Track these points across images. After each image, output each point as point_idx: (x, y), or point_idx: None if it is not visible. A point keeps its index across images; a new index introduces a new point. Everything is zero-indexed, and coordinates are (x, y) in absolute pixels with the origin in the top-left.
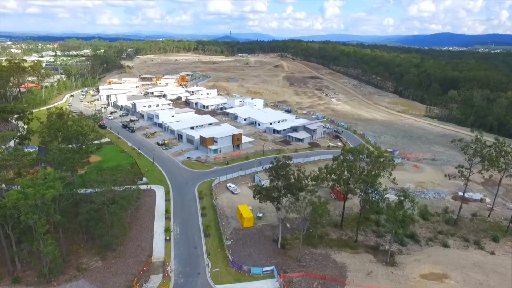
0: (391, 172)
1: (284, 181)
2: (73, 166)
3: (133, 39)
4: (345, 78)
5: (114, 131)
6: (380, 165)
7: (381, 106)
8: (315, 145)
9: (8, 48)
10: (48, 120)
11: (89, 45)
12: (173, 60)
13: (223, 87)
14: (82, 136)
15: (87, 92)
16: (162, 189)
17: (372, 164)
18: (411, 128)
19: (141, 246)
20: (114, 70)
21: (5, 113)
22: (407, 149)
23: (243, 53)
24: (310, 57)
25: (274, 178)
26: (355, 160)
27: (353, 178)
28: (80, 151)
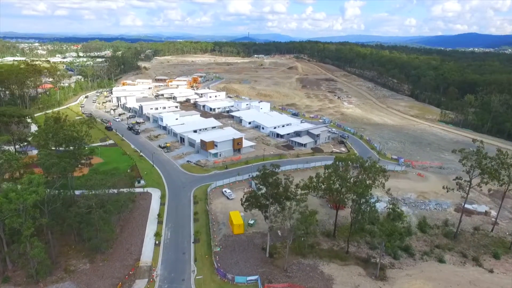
0: (384, 182)
1: (270, 189)
2: (61, 171)
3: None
4: (360, 81)
5: (119, 133)
6: (372, 175)
7: (394, 110)
8: (318, 151)
9: (35, 49)
10: (44, 124)
11: (110, 46)
12: (190, 61)
13: (234, 89)
14: (74, 141)
15: (101, 93)
16: (159, 192)
17: (366, 174)
18: (423, 134)
19: (130, 249)
20: (130, 71)
21: (5, 117)
22: (414, 157)
23: (259, 54)
24: (326, 59)
25: (261, 186)
26: (346, 170)
27: (343, 188)
28: (70, 156)
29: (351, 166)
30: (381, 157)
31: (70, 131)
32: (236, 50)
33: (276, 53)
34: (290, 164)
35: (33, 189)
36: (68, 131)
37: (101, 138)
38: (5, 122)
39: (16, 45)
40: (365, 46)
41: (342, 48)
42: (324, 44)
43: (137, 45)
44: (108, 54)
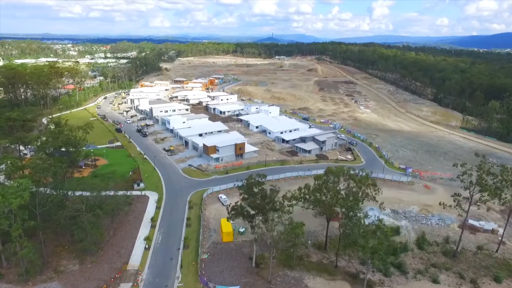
0: (375, 195)
1: (254, 200)
2: (52, 174)
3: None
4: (381, 84)
5: (128, 135)
6: (365, 188)
7: (413, 115)
8: (323, 158)
9: (67, 51)
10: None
11: (137, 47)
12: (211, 63)
13: (248, 92)
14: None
15: (119, 94)
16: (156, 196)
17: (357, 187)
18: (439, 141)
19: (120, 252)
20: (152, 73)
21: (10, 121)
22: (426, 166)
23: (280, 56)
24: (347, 61)
25: (245, 196)
26: (334, 182)
27: (331, 201)
28: (63, 159)
29: (343, 178)
30: (388, 166)
31: (67, 136)
32: (257, 51)
33: (298, 54)
34: (291, 171)
35: (19, 193)
36: (64, 135)
37: (110, 139)
38: (9, 126)
39: (51, 46)
40: (391, 47)
41: (365, 50)
42: (347, 45)
43: (162, 46)
44: (133, 55)
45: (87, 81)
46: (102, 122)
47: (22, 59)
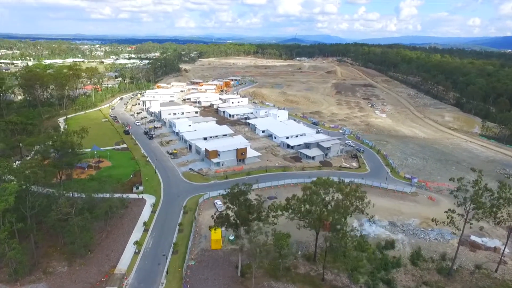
0: (363, 209)
1: (238, 209)
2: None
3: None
4: (401, 87)
5: (136, 137)
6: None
7: (431, 121)
8: (327, 164)
9: (94, 51)
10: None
11: (161, 48)
12: (231, 64)
13: (261, 95)
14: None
15: (136, 96)
16: (153, 199)
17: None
18: (455, 149)
19: (110, 256)
20: (172, 73)
21: (11, 125)
22: (434, 176)
23: (301, 57)
24: (369, 63)
25: (230, 205)
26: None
27: (317, 214)
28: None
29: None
30: (393, 175)
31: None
32: (278, 53)
33: (319, 56)
34: (292, 177)
35: (4, 197)
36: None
37: (116, 141)
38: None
39: (80, 47)
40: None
41: (389, 52)
42: (370, 46)
43: (185, 46)
44: (156, 56)
45: (107, 82)
46: (112, 124)
47: (51, 59)
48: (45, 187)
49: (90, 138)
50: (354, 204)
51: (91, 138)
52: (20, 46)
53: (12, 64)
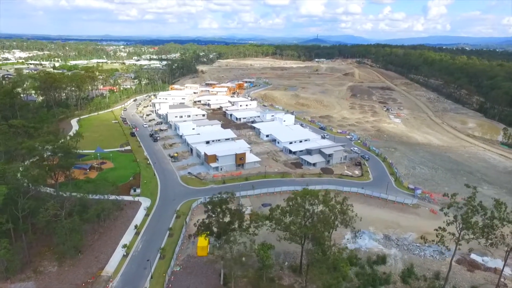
0: (350, 223)
1: (217, 218)
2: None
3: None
4: (422, 90)
5: (141, 139)
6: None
7: (449, 127)
8: (328, 172)
9: (118, 52)
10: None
11: (182, 49)
12: (248, 65)
13: (272, 98)
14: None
15: (149, 97)
16: (149, 202)
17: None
18: (470, 158)
19: (99, 258)
20: (189, 75)
21: (13, 127)
22: (442, 187)
23: (320, 59)
24: (389, 65)
25: (210, 214)
26: (312, 204)
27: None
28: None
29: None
30: (396, 184)
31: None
32: (297, 54)
33: (339, 57)
34: (289, 184)
35: None
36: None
37: (121, 143)
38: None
39: (105, 48)
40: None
41: (411, 53)
42: (392, 47)
43: (205, 47)
44: (176, 57)
45: (125, 83)
46: (121, 125)
47: (77, 60)
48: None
49: (97, 139)
50: (338, 217)
51: (99, 139)
52: (50, 47)
53: (41, 65)
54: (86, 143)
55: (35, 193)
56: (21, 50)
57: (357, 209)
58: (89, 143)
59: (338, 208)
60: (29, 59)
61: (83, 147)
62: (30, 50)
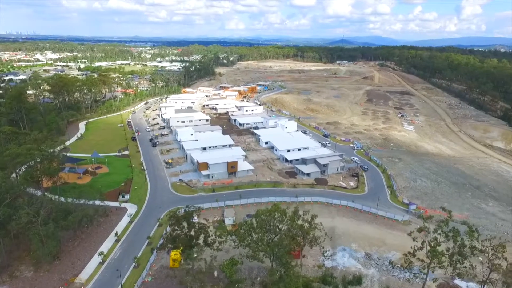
0: (318, 242)
1: (179, 234)
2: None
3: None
4: (443, 95)
5: (141, 144)
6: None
7: (466, 136)
8: (322, 182)
9: (143, 53)
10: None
11: (205, 51)
12: (268, 67)
13: (282, 102)
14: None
15: (161, 100)
16: (135, 209)
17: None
18: (481, 171)
19: (75, 264)
20: (206, 77)
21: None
22: (441, 203)
23: (342, 61)
24: (412, 68)
25: (175, 228)
26: (281, 220)
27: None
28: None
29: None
30: (391, 198)
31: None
32: (318, 56)
33: (362, 59)
34: (278, 195)
35: None
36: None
37: (121, 148)
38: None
39: (131, 49)
40: (475, 52)
41: (437, 56)
42: (417, 50)
43: (228, 49)
44: (197, 59)
45: (142, 85)
46: (125, 129)
47: (102, 61)
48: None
49: (99, 143)
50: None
51: (100, 143)
52: (80, 49)
53: (67, 66)
54: (88, 147)
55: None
56: (53, 51)
57: (343, 224)
58: (90, 147)
59: (305, 227)
60: (59, 61)
61: (84, 151)
62: (61, 51)
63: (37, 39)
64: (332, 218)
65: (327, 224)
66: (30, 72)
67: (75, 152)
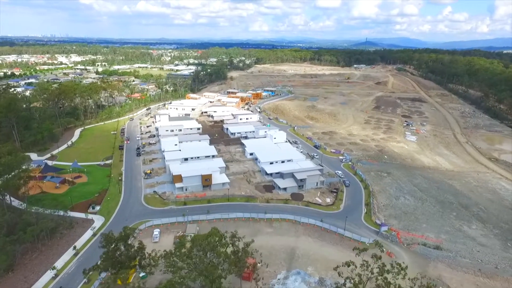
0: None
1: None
2: None
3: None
4: (458, 103)
5: (127, 153)
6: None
7: (472, 148)
8: (298, 198)
9: (162, 56)
10: None
11: (225, 53)
12: (282, 71)
13: (282, 110)
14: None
15: (164, 106)
16: (102, 221)
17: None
18: (476, 188)
19: (28, 277)
20: (217, 81)
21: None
22: (419, 224)
23: (360, 65)
24: (429, 73)
25: (108, 249)
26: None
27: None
28: None
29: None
30: (365, 218)
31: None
32: (336, 59)
33: (380, 63)
34: (248, 210)
35: None
36: None
37: (106, 156)
38: None
39: (152, 52)
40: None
41: (458, 60)
42: (437, 53)
43: (247, 52)
44: (213, 62)
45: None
46: (116, 137)
47: (121, 64)
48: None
49: (87, 151)
50: (230, 268)
51: (88, 152)
52: (103, 51)
53: (86, 70)
54: (75, 155)
55: None
56: (78, 54)
57: (306, 244)
58: (77, 155)
59: (232, 258)
60: (81, 64)
61: (71, 159)
62: (85, 54)
63: (69, 41)
64: (297, 237)
65: (290, 244)
66: (51, 75)
67: (62, 161)
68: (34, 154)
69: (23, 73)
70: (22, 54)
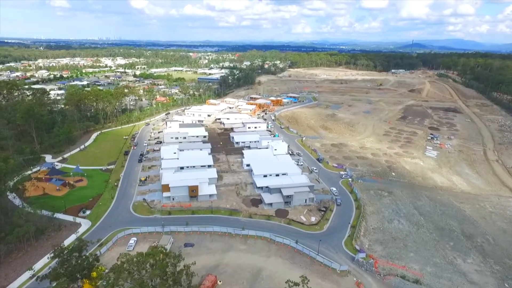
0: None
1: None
2: None
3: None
4: (500, 114)
5: (131, 158)
6: None
7: (501, 167)
8: (282, 215)
9: (202, 59)
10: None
11: (261, 56)
12: (314, 75)
13: (296, 118)
14: None
15: (183, 111)
16: (88, 226)
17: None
18: (490, 215)
19: (8, 276)
20: (244, 86)
21: None
22: (406, 253)
23: (398, 70)
24: (472, 80)
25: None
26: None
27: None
28: None
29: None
30: (346, 242)
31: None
32: (373, 64)
33: (421, 68)
34: (224, 225)
35: None
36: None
37: (110, 161)
38: None
39: (189, 55)
40: None
41: (509, 65)
42: (486, 59)
43: (283, 55)
44: (246, 65)
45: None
46: (126, 142)
47: (159, 67)
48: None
49: (96, 155)
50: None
51: (95, 156)
52: (146, 55)
53: (125, 73)
54: (84, 159)
55: None
56: (124, 57)
57: (274, 266)
58: (86, 159)
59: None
60: (124, 67)
61: (80, 163)
62: (130, 57)
63: (120, 44)
64: (268, 257)
65: (258, 264)
66: (94, 77)
67: (72, 164)
68: (49, 156)
69: (70, 75)
70: (75, 57)
